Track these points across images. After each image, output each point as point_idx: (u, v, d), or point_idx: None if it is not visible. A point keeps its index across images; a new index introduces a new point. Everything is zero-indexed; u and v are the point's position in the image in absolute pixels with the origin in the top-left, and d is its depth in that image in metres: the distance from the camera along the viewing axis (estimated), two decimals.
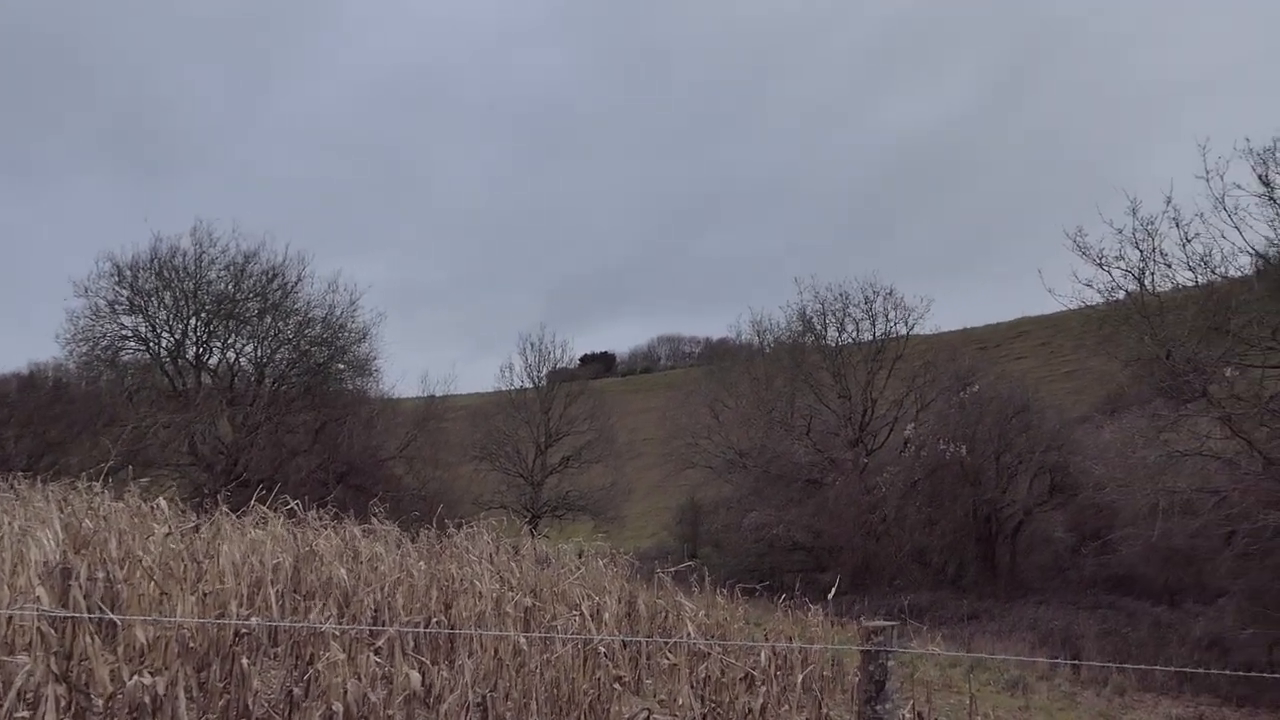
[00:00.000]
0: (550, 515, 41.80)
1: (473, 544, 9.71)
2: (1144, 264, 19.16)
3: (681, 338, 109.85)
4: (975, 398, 33.14)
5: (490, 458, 41.94)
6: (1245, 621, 18.80)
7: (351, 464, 30.24)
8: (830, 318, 36.95)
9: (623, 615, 7.95)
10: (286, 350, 30.73)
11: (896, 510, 31.94)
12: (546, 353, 44.99)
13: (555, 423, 43.00)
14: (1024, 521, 31.27)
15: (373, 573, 7.80)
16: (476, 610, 7.03)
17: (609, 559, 10.08)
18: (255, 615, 6.13)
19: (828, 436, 35.72)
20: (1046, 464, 30.54)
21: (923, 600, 26.68)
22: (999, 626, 22.65)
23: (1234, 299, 18.74)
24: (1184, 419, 19.19)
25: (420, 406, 37.64)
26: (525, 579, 8.13)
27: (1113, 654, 19.44)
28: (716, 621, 8.84)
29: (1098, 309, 21.10)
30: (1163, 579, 25.74)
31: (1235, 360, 18.71)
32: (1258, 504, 16.69)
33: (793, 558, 33.28)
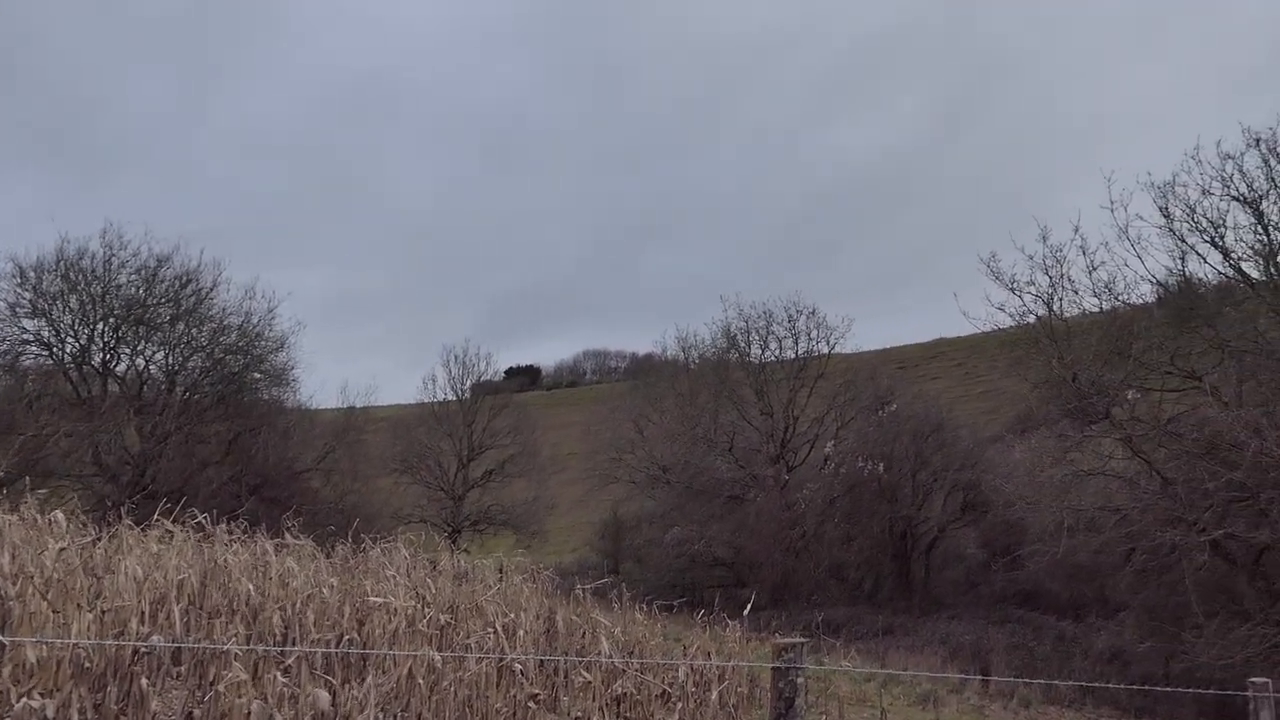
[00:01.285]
0: (471, 530, 41.30)
1: (389, 559, 9.54)
2: (1053, 290, 19.85)
3: (608, 352, 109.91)
4: (893, 416, 33.92)
5: (411, 471, 41.27)
6: (1143, 635, 19.55)
7: (266, 476, 29.41)
8: (754, 335, 37.45)
9: (541, 632, 7.90)
10: (200, 358, 29.79)
11: (816, 527, 32.42)
12: (471, 365, 44.57)
13: (478, 436, 42.54)
14: (938, 538, 32.05)
15: (283, 589, 7.61)
16: (390, 627, 6.91)
17: (529, 574, 10.01)
18: (157, 634, 5.92)
19: (750, 453, 36.08)
20: (960, 482, 31.37)
21: (840, 615, 27.10)
22: (913, 641, 23.12)
23: (1136, 325, 19.54)
24: (1088, 439, 19.91)
25: (339, 418, 36.85)
26: (442, 595, 8.02)
27: (1020, 667, 20.02)
28: (634, 638, 8.84)
29: (1009, 332, 21.78)
30: (1068, 594, 26.63)
31: (1136, 384, 19.51)
32: (1155, 522, 17.39)
33: (714, 573, 33.48)
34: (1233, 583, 17.68)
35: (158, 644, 5.44)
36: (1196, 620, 16.54)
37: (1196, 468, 17.13)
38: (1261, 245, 17.84)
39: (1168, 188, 18.28)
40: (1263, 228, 17.75)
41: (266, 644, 6.14)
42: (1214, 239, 18.11)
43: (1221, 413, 17.08)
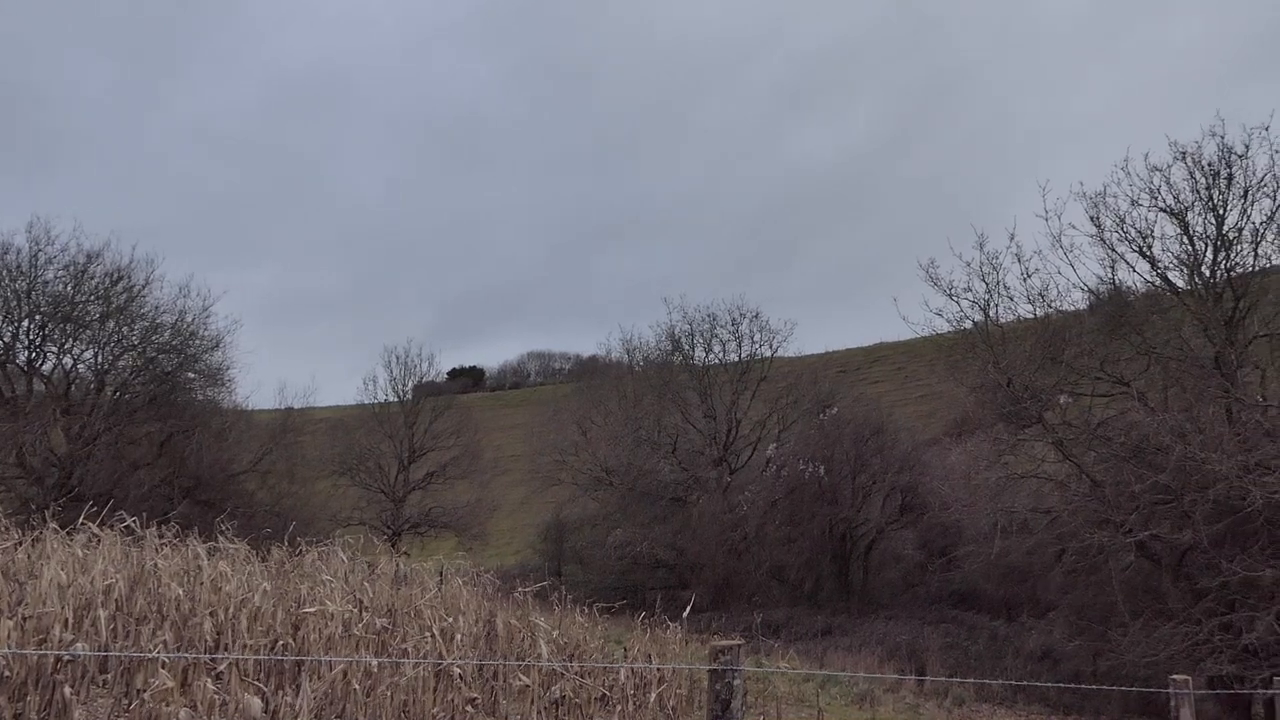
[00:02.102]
0: (412, 532, 40.81)
1: (326, 563, 9.39)
2: (989, 296, 20.26)
3: (552, 354, 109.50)
4: (834, 419, 34.35)
5: (350, 473, 40.63)
6: (1072, 634, 20.06)
7: (200, 478, 28.72)
8: (698, 338, 37.63)
9: (481, 635, 7.83)
10: (131, 357, 28.96)
11: (757, 528, 32.67)
12: (413, 365, 44.02)
13: (420, 437, 42.06)
14: (876, 539, 32.52)
15: (216, 594, 7.44)
16: (326, 633, 6.80)
17: (469, 578, 9.92)
18: (81, 641, 5.74)
19: (693, 455, 36.24)
20: (898, 484, 31.88)
21: (780, 616, 27.35)
22: (851, 641, 23.42)
23: (1068, 331, 20.05)
24: (1022, 443, 20.38)
25: (277, 419, 36.14)
26: (380, 599, 7.91)
27: (955, 666, 20.41)
28: (575, 641, 8.82)
29: (947, 337, 22.20)
30: (1001, 594, 27.23)
31: (1068, 389, 20.03)
32: (1085, 523, 17.85)
33: (656, 575, 33.55)
34: (1157, 582, 18.23)
35: (81, 652, 5.29)
36: (1123, 619, 17.03)
37: (1124, 470, 17.63)
38: (1187, 255, 18.46)
39: (1099, 198, 18.83)
40: (1188, 238, 18.36)
41: (197, 650, 6.00)
42: (1142, 249, 18.68)
43: (1148, 417, 17.61)
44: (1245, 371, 17.64)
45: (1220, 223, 18.04)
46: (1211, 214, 18.08)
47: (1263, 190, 17.60)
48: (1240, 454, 15.47)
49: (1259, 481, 14.71)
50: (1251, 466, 15.11)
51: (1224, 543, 15.92)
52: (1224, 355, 17.35)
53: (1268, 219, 17.69)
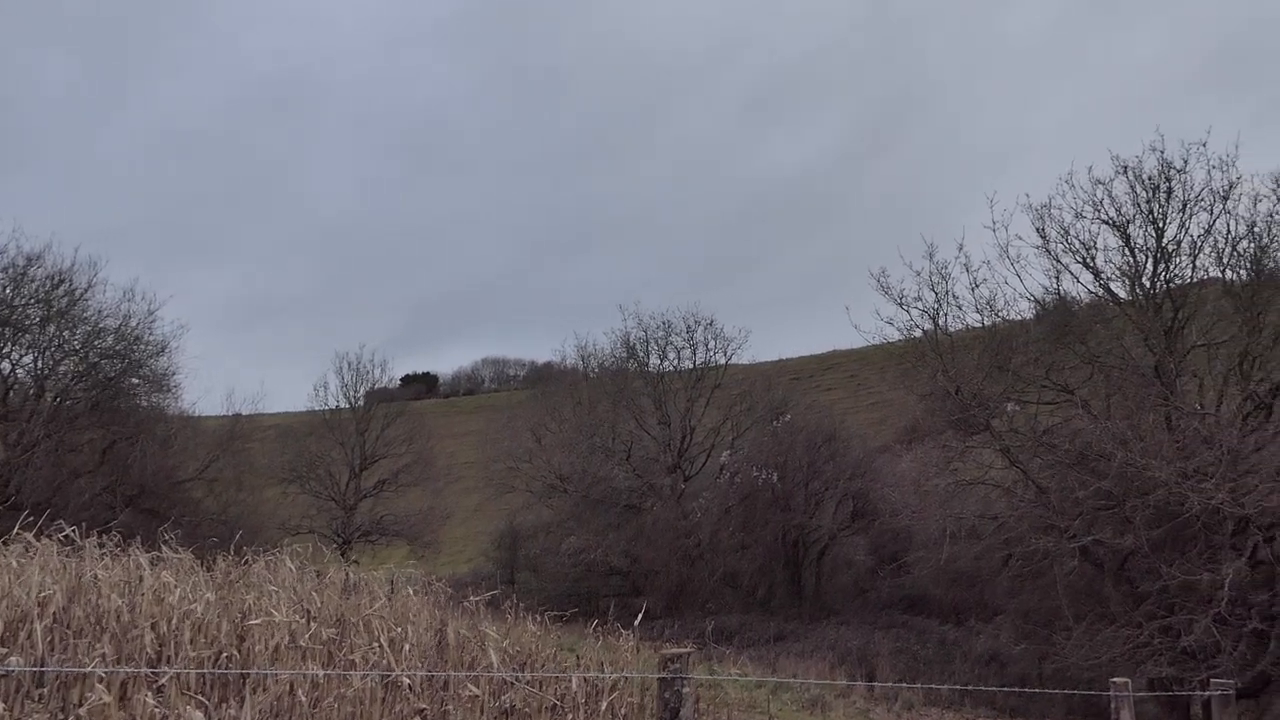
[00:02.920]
0: (363, 541, 40.32)
1: (274, 572, 9.24)
2: (938, 305, 20.57)
3: (507, 360, 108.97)
4: (787, 427, 34.63)
5: (300, 480, 40.03)
6: (1018, 638, 20.43)
7: (144, 486, 28.10)
8: (653, 345, 37.70)
9: (431, 645, 7.76)
10: (72, 362, 28.28)
11: (711, 535, 32.79)
12: (365, 372, 43.55)
13: (371, 444, 41.60)
14: (829, 545, 32.81)
15: (158, 605, 7.27)
16: (272, 644, 6.68)
17: (421, 586, 9.82)
18: (16, 654, 5.59)
19: (647, 462, 36.28)
20: (850, 491, 32.22)
21: (733, 622, 27.47)
22: (803, 647, 23.60)
23: (1014, 340, 20.45)
24: (970, 450, 20.73)
25: (224, 425, 35.50)
26: (327, 609, 7.79)
27: (904, 671, 20.65)
28: (527, 649, 8.77)
29: (897, 345, 22.52)
30: (950, 599, 27.63)
31: (1015, 396, 20.41)
32: (1030, 529, 18.21)
33: (610, 582, 33.52)
34: (1100, 587, 18.64)
35: (15, 666, 5.14)
36: (1067, 623, 17.38)
37: (1068, 477, 18.01)
38: (1128, 266, 18.95)
39: (1044, 210, 19.26)
40: (1129, 250, 18.85)
41: (137, 664, 5.87)
42: (1086, 260, 19.15)
43: (1091, 424, 18.02)
44: (1184, 380, 18.13)
45: (1160, 235, 18.56)
46: (1152, 226, 18.60)
47: (1200, 204, 18.16)
48: (1179, 461, 15.89)
49: (1196, 488, 15.11)
50: (1189, 473, 15.52)
51: (1163, 547, 16.33)
52: (1164, 364, 17.82)
53: (1205, 232, 18.25)
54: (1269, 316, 17.32)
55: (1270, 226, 17.66)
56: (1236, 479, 15.27)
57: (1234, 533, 15.85)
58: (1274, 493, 14.83)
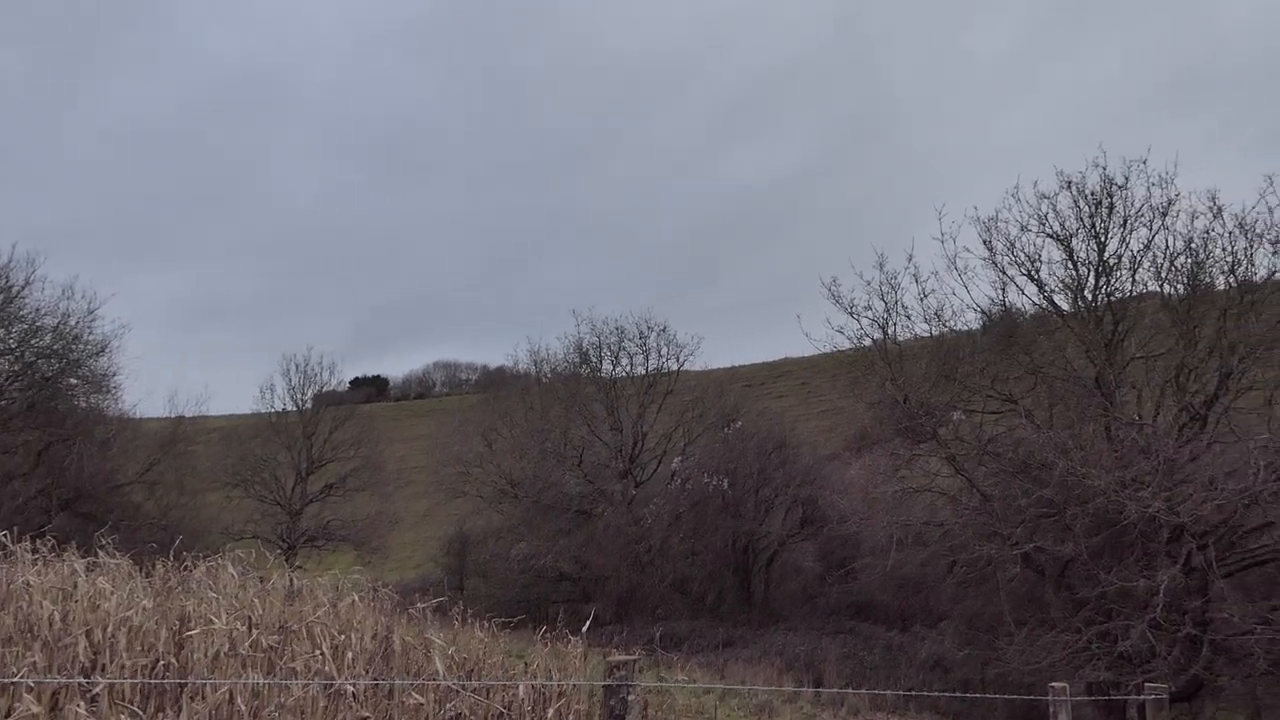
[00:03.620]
0: (309, 546, 39.69)
1: (215, 578, 9.05)
2: (888, 314, 20.80)
3: (458, 364, 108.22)
4: (739, 433, 34.82)
5: (244, 484, 39.27)
6: (962, 643, 20.75)
7: (81, 489, 27.39)
8: (606, 351, 37.68)
9: (377, 652, 7.65)
10: (7, 361, 27.49)
11: (661, 541, 32.83)
12: (313, 374, 42.87)
13: (319, 448, 40.95)
14: (778, 552, 33.04)
15: (93, 612, 7.08)
16: (211, 651, 6.54)
17: (367, 592, 9.68)
18: None
19: (599, 468, 36.23)
20: (800, 498, 32.48)
21: (682, 628, 27.51)
22: (751, 653, 23.71)
23: (961, 350, 20.79)
24: (917, 458, 21.01)
25: (166, 427, 34.75)
26: (269, 615, 7.65)
27: (851, 676, 20.86)
28: (474, 656, 8.69)
29: (847, 354, 22.75)
30: (896, 605, 27.97)
31: (961, 405, 20.75)
32: (975, 536, 18.51)
33: (560, 588, 33.39)
34: (1041, 593, 19.00)
35: None
36: (1009, 628, 17.68)
37: (1011, 485, 18.34)
38: (1071, 279, 19.35)
39: (991, 223, 19.59)
40: (1072, 263, 19.26)
41: (69, 673, 5.71)
42: (1030, 272, 19.52)
43: (1034, 434, 18.38)
44: (1123, 391, 18.57)
45: (1102, 249, 18.99)
46: (1094, 241, 19.02)
47: (1140, 220, 18.62)
48: (1117, 470, 16.27)
49: (1134, 496, 15.49)
50: (1128, 482, 15.91)
51: (1102, 555, 16.70)
52: (1104, 375, 18.23)
53: (1144, 247, 18.71)
54: (1204, 330, 17.80)
55: (1206, 243, 18.16)
56: (1172, 488, 15.68)
57: (1169, 540, 16.27)
58: (1207, 502, 15.26)
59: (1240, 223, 17.49)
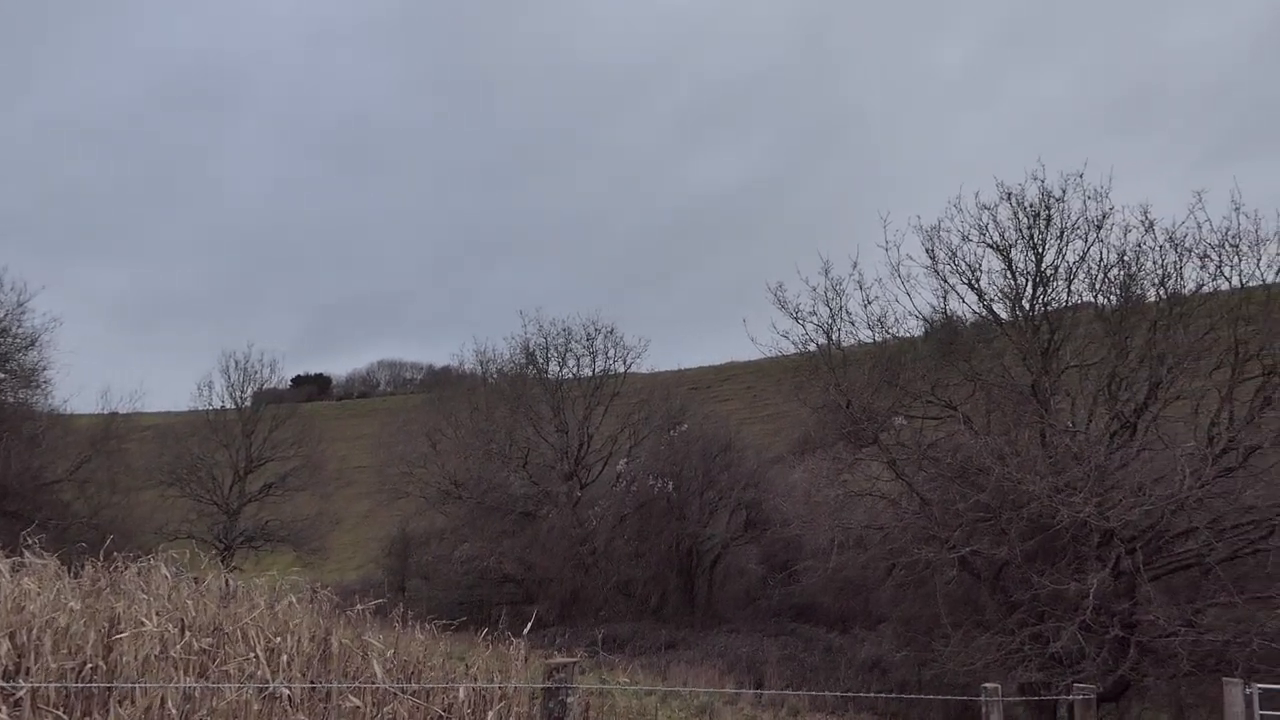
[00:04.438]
0: (247, 547, 38.97)
1: (147, 579, 8.84)
2: (832, 320, 21.06)
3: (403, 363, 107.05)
4: (684, 436, 34.94)
5: (180, 483, 38.44)
6: (900, 645, 21.06)
7: (7, 487, 26.55)
8: (553, 352, 37.57)
9: (314, 655, 7.54)
10: None
11: (606, 543, 32.82)
12: (253, 371, 42.12)
13: (258, 447, 40.25)
14: (722, 554, 33.22)
15: (17, 614, 6.88)
16: (142, 655, 6.39)
17: (305, 594, 9.53)
18: None
19: (544, 469, 36.11)
20: (744, 500, 32.69)
21: (626, 630, 27.53)
22: (694, 654, 23.81)
23: (903, 356, 21.12)
24: (859, 462, 21.30)
25: (99, 424, 33.87)
26: (203, 617, 7.50)
27: (791, 677, 21.06)
28: (414, 659, 8.61)
29: (793, 358, 22.98)
30: (837, 607, 28.30)
31: (903, 411, 21.08)
32: (914, 539, 18.81)
33: (503, 590, 33.20)
34: (977, 595, 19.39)
35: None
36: (945, 630, 18.01)
37: (949, 490, 18.69)
38: (1010, 289, 19.80)
39: (934, 232, 19.95)
40: (1011, 273, 19.70)
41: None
42: (971, 281, 19.92)
43: (972, 439, 18.75)
44: (1058, 399, 19.03)
45: (1039, 260, 19.45)
46: (1032, 252, 19.48)
47: (1076, 232, 19.11)
48: (1051, 476, 16.68)
49: (1066, 501, 15.89)
50: (1061, 487, 16.31)
51: (1035, 558, 17.10)
52: (1040, 383, 18.68)
53: (1080, 259, 19.21)
54: (1135, 341, 18.32)
55: (1139, 256, 18.69)
56: (1102, 494, 16.12)
57: (1099, 545, 16.71)
58: (1135, 507, 15.71)
59: (1171, 237, 18.05)
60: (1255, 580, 16.38)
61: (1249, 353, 16.90)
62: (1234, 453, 16.42)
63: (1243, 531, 16.24)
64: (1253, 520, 16.11)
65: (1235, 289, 17.33)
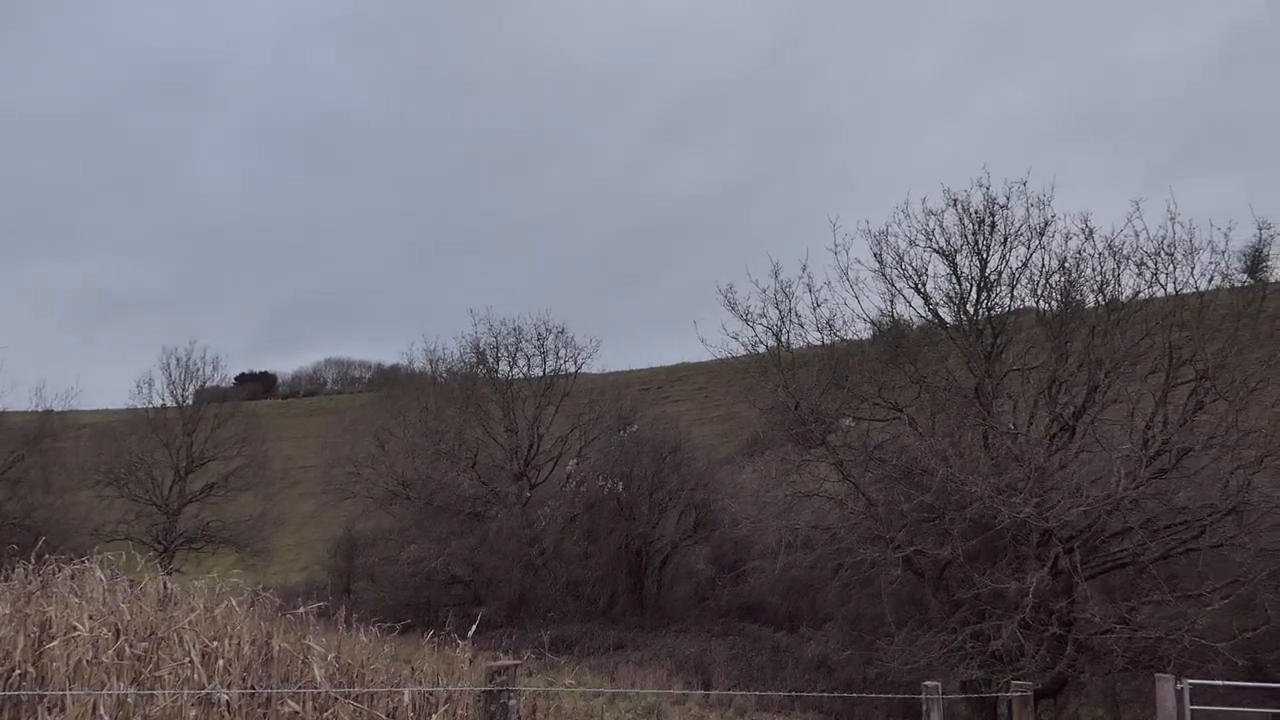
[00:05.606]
0: (187, 548, 38.15)
1: (81, 582, 8.61)
2: (782, 322, 21.24)
3: (351, 362, 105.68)
4: (634, 437, 34.97)
5: (118, 483, 37.49)
6: (846, 644, 21.31)
7: None
8: (503, 351, 37.37)
9: (255, 659, 7.40)
10: None
11: (555, 544, 32.73)
12: (195, 369, 41.25)
13: (200, 446, 39.42)
14: (671, 555, 33.31)
15: None
16: (74, 660, 6.22)
17: (246, 596, 9.36)
18: None
19: (494, 470, 35.89)
20: (693, 501, 32.82)
21: (574, 631, 27.47)
22: (642, 655, 23.83)
23: (851, 359, 21.36)
24: (807, 463, 21.51)
25: (32, 422, 32.92)
26: (139, 621, 7.32)
27: (739, 677, 21.19)
28: (359, 661, 8.50)
29: (742, 360, 23.12)
30: (785, 607, 28.53)
31: (850, 413, 21.33)
32: (860, 540, 19.04)
33: (451, 591, 32.92)
34: (920, 595, 19.70)
35: None
36: (890, 629, 18.27)
37: (895, 490, 18.97)
38: (955, 294, 20.15)
39: (882, 236, 20.22)
40: (956, 278, 20.05)
41: None
42: (917, 285, 20.23)
43: (917, 441, 19.05)
44: (1000, 401, 19.41)
45: (984, 266, 19.82)
46: (976, 257, 19.84)
47: (1019, 239, 19.51)
48: (993, 477, 17.02)
49: (1007, 502, 16.22)
50: (1002, 488, 16.65)
51: (977, 558, 17.42)
52: (983, 386, 19.04)
53: (1022, 265, 19.61)
54: (1075, 345, 18.76)
55: (1079, 263, 19.15)
56: (1042, 494, 16.48)
57: (1039, 544, 17.08)
58: (1073, 508, 16.08)
59: (1110, 244, 18.52)
60: (1187, 579, 16.88)
61: (1182, 358, 17.40)
62: (1167, 455, 16.89)
63: (1175, 531, 16.71)
64: (1184, 520, 16.60)
65: (1170, 296, 17.83)
